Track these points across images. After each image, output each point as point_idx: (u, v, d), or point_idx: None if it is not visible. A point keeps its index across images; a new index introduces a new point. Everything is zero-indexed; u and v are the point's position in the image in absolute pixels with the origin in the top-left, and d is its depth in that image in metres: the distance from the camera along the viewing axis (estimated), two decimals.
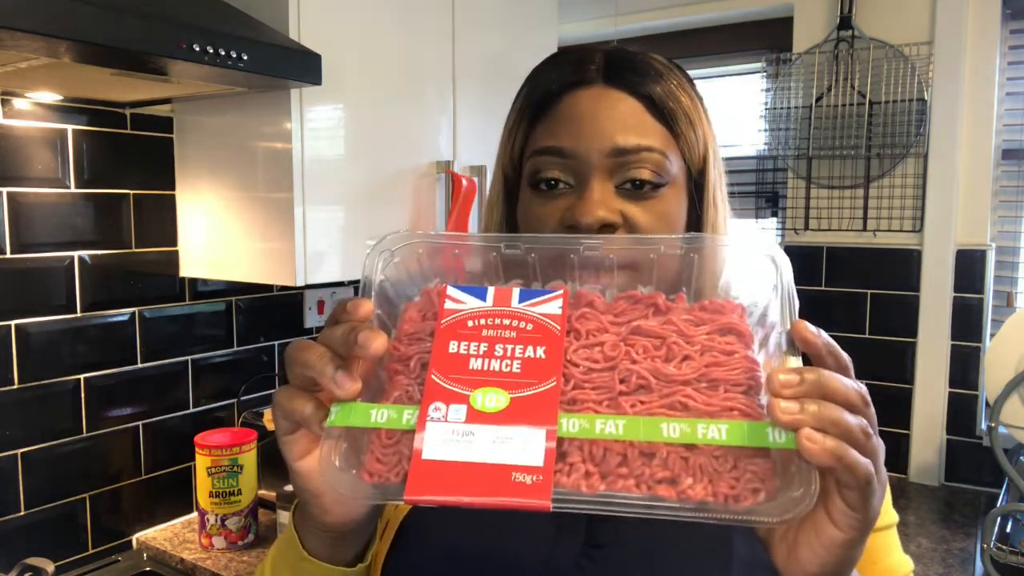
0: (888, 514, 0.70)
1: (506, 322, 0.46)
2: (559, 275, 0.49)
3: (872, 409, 0.44)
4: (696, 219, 0.68)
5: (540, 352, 0.45)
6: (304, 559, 0.58)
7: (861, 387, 0.45)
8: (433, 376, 0.45)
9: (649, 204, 0.64)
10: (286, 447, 0.51)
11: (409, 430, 0.44)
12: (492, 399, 0.43)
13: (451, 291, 0.48)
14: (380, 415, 0.45)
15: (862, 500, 0.43)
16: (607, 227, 0.62)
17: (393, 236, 0.51)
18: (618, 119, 0.64)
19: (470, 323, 0.46)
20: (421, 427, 0.43)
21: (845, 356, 0.46)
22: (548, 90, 0.67)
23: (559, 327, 0.46)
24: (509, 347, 0.45)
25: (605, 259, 0.50)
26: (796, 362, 0.47)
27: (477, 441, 0.42)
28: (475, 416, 0.43)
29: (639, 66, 0.66)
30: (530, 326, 0.46)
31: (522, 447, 0.42)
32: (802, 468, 0.41)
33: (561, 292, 0.48)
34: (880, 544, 0.68)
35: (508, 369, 0.44)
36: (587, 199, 0.62)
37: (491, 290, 0.48)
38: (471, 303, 0.47)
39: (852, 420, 0.42)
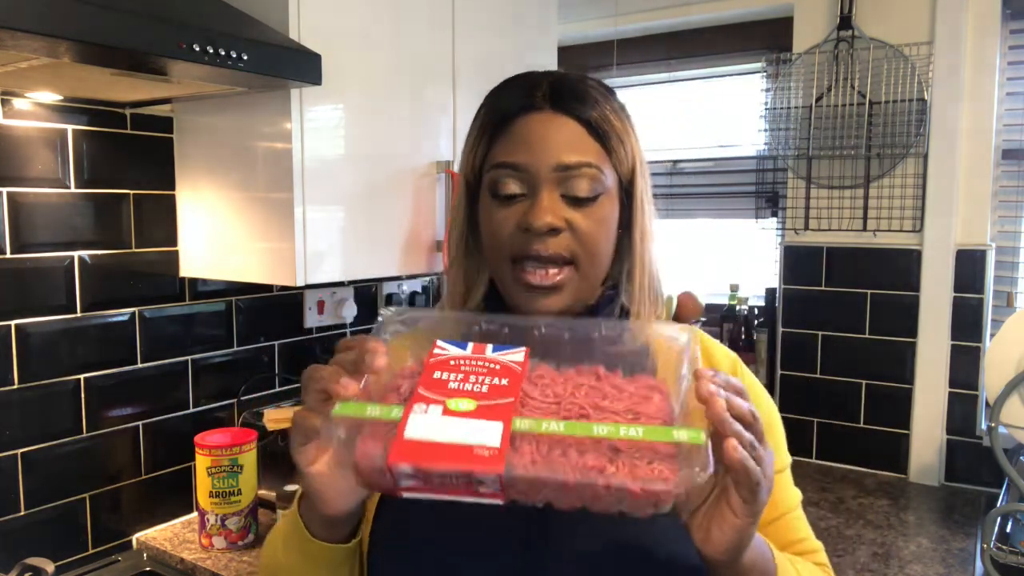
0: (780, 459, 0.85)
1: (480, 364, 0.60)
2: (525, 344, 0.64)
3: (760, 424, 0.58)
4: (628, 220, 0.83)
5: (504, 381, 0.59)
6: (309, 541, 0.73)
7: (753, 407, 0.58)
8: (419, 390, 0.58)
9: (588, 211, 0.77)
10: (300, 456, 0.64)
11: (396, 420, 0.56)
12: (464, 404, 0.56)
13: (439, 343, 0.62)
14: (374, 410, 0.57)
15: (752, 495, 0.57)
16: (553, 230, 0.76)
17: (396, 312, 0.67)
18: (563, 140, 0.78)
19: (452, 362, 0.61)
20: (405, 418, 0.55)
21: (737, 381, 0.59)
22: (505, 112, 0.81)
23: (520, 368, 0.60)
24: (480, 377, 0.59)
25: (561, 335, 0.65)
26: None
27: (449, 428, 0.55)
28: (449, 413, 0.56)
29: (579, 94, 0.79)
30: (498, 367, 0.60)
31: (484, 433, 0.54)
32: (698, 456, 0.53)
33: (525, 349, 0.62)
34: (777, 485, 0.83)
35: (478, 389, 0.58)
36: (538, 206, 0.76)
37: (470, 344, 0.63)
38: (454, 351, 0.62)
39: (747, 435, 0.56)
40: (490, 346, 0.63)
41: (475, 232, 0.84)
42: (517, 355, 0.62)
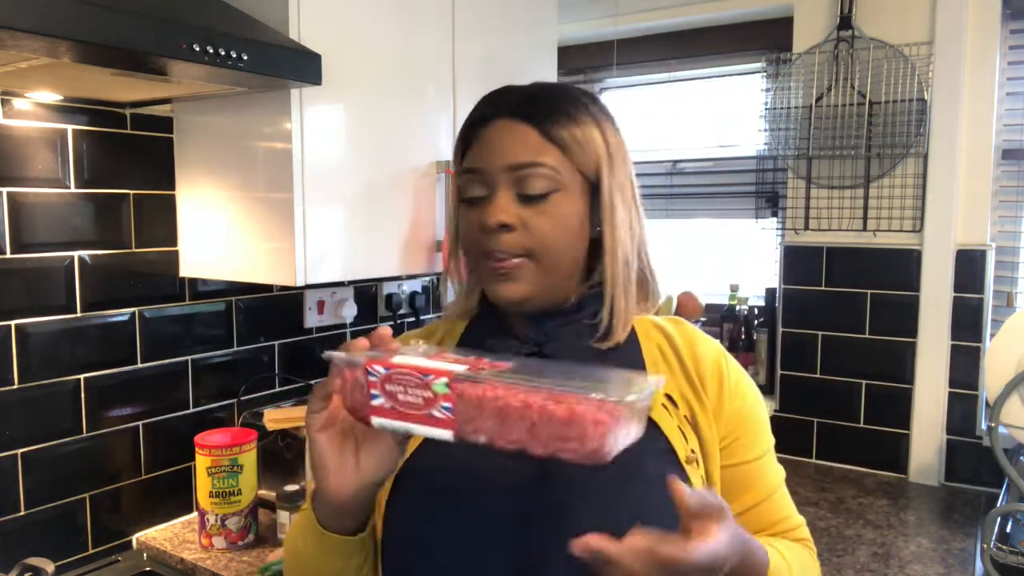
0: (762, 443, 0.90)
1: (455, 357, 0.68)
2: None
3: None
4: (599, 217, 0.86)
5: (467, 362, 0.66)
6: (322, 533, 0.78)
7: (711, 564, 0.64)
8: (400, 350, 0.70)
9: (540, 208, 0.82)
10: (312, 419, 0.71)
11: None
12: (430, 360, 0.66)
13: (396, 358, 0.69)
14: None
15: None
16: (504, 227, 0.81)
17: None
18: (516, 142, 0.82)
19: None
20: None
21: (715, 503, 0.66)
22: (473, 121, 0.87)
23: (486, 364, 0.66)
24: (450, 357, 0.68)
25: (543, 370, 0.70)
26: None
27: (416, 360, 0.65)
28: (418, 358, 0.66)
29: (542, 101, 0.84)
30: (471, 357, 0.67)
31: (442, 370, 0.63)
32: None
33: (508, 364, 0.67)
34: (759, 469, 0.89)
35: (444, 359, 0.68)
36: (492, 206, 0.82)
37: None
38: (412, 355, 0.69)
39: None
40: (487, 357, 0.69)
41: None
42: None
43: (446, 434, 0.64)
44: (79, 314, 1.55)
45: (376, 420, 0.67)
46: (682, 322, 0.93)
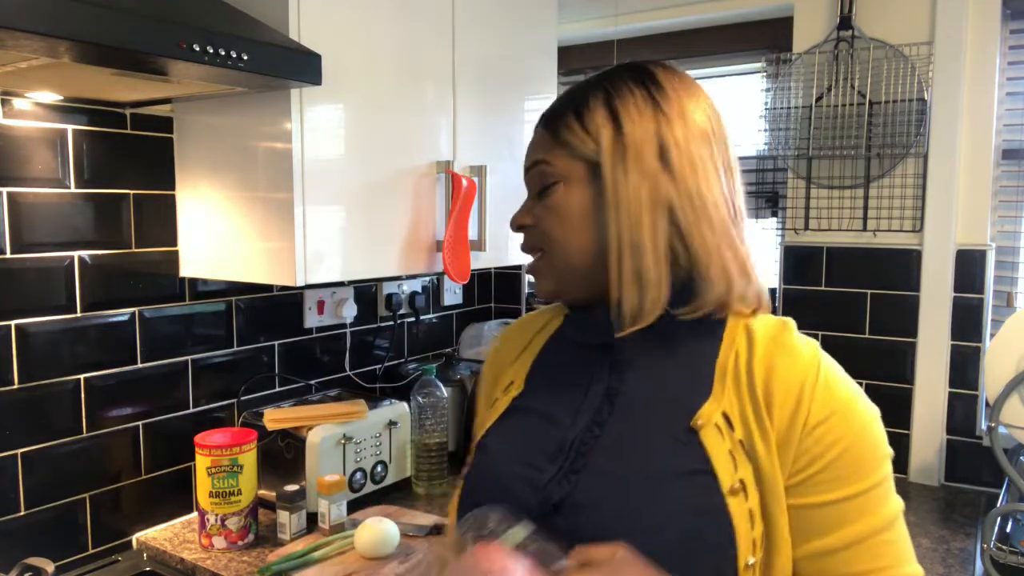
0: (851, 484, 0.75)
1: None
2: None
3: None
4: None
5: None
6: None
7: None
8: None
9: (543, 203, 0.83)
10: None
11: None
12: None
13: None
14: None
15: None
16: (521, 228, 0.86)
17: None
18: (532, 147, 0.86)
19: None
20: None
21: None
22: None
23: None
24: None
25: None
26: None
27: None
28: None
29: (559, 101, 0.85)
30: None
31: None
32: None
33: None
34: (849, 511, 0.74)
35: None
36: (519, 209, 0.87)
37: None
38: None
39: None
40: None
41: None
42: None
43: None
44: (79, 314, 1.55)
45: None
46: (785, 329, 0.82)
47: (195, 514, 1.75)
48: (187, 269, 1.71)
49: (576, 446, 0.80)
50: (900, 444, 2.08)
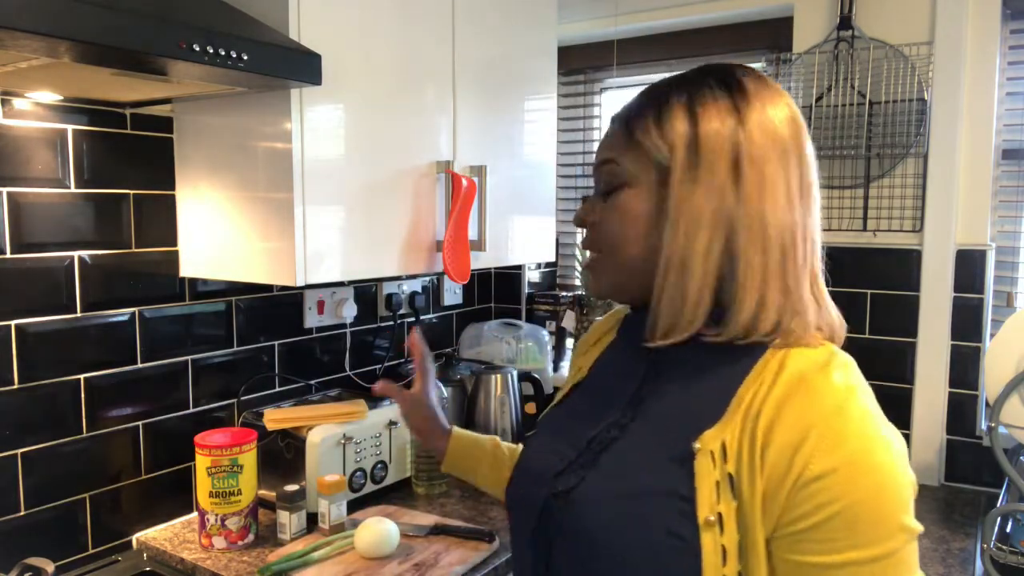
0: (846, 550, 0.67)
1: None
2: None
3: None
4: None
5: None
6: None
7: None
8: None
9: (607, 204, 0.83)
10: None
11: None
12: None
13: None
14: None
15: None
16: (584, 224, 0.86)
17: None
18: (604, 143, 0.85)
19: None
20: None
21: None
22: None
23: None
24: None
25: None
26: None
27: None
28: None
29: (638, 101, 0.83)
30: None
31: None
32: None
33: None
34: None
35: None
36: (584, 203, 0.87)
37: None
38: None
39: None
40: None
41: None
42: None
43: None
44: (79, 314, 1.55)
45: None
46: (822, 366, 0.73)
47: (195, 514, 1.75)
48: (187, 269, 1.71)
49: (593, 444, 0.83)
50: None
